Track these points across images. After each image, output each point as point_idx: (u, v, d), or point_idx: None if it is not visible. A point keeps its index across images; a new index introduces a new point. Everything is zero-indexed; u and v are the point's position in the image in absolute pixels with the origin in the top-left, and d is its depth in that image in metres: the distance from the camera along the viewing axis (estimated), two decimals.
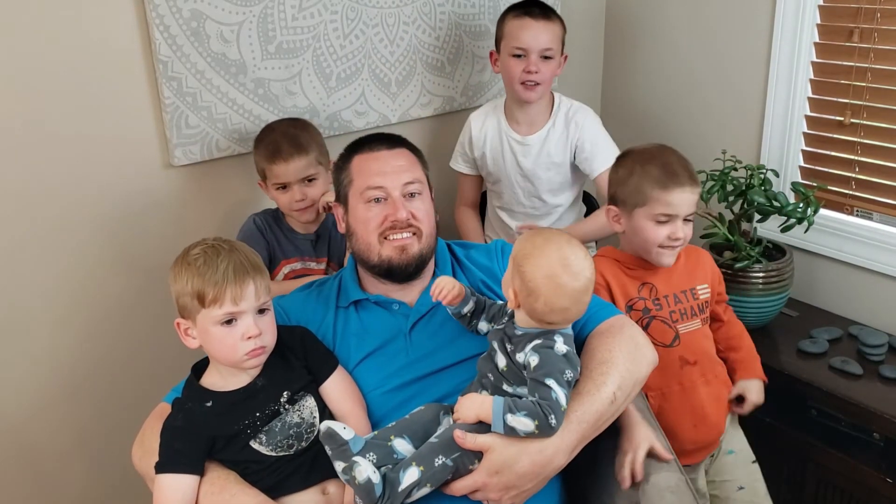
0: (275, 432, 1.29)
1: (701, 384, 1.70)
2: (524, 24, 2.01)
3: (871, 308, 2.11)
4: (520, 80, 2.02)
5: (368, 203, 1.47)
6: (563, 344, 1.27)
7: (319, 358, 1.39)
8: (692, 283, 1.73)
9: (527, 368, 1.26)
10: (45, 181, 1.74)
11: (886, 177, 2.06)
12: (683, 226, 1.64)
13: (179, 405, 1.30)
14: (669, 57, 2.51)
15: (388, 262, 1.47)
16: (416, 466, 1.21)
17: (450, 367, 1.44)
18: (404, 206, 1.46)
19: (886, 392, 1.80)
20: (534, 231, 1.34)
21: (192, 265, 1.26)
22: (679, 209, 1.62)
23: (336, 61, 2.09)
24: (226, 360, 1.28)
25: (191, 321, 1.28)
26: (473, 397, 1.28)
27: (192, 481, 1.24)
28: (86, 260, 1.83)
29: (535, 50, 2.00)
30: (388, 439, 1.27)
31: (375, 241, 1.47)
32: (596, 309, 1.50)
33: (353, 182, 1.50)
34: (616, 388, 1.35)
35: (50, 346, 1.83)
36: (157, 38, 1.78)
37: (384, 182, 1.47)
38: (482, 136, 2.17)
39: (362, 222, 1.48)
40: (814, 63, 2.16)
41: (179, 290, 1.27)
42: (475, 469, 1.25)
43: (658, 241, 1.64)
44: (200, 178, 1.95)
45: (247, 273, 1.26)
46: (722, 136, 2.37)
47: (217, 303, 1.24)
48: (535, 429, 1.21)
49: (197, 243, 1.31)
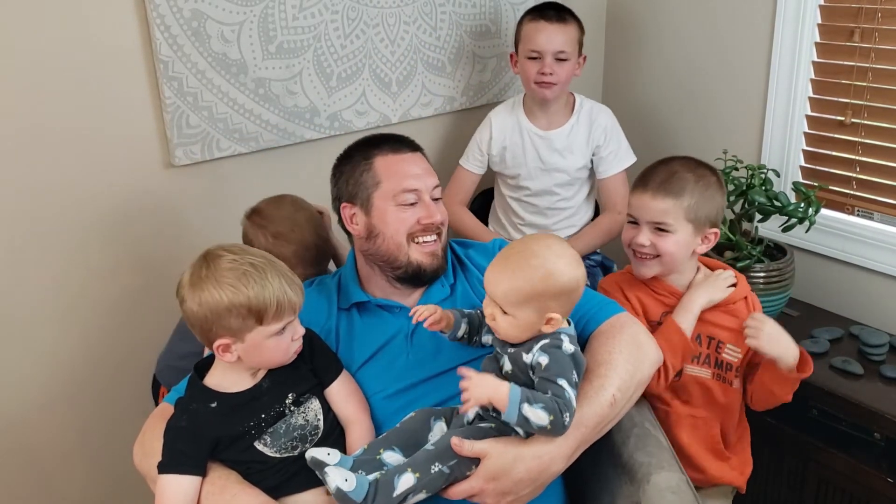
0: (279, 434, 1.29)
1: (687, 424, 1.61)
2: (539, 26, 2.07)
3: (872, 308, 2.11)
4: (535, 80, 2.09)
5: (402, 206, 1.45)
6: (569, 343, 1.26)
7: (325, 361, 1.39)
8: (720, 334, 1.61)
9: (535, 369, 1.25)
10: (46, 181, 1.74)
11: (887, 176, 2.06)
12: (650, 234, 1.57)
13: (183, 405, 1.29)
14: (670, 57, 2.51)
15: (418, 265, 1.47)
16: (411, 473, 1.20)
17: (452, 370, 1.42)
18: (438, 209, 1.47)
19: (887, 392, 1.80)
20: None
21: (239, 286, 1.20)
22: (639, 213, 1.58)
23: (337, 61, 2.09)
24: (278, 362, 1.29)
25: (235, 338, 1.23)
26: (489, 379, 1.23)
27: (194, 482, 1.24)
28: (87, 259, 1.83)
29: (550, 52, 2.06)
30: (378, 453, 1.26)
31: (405, 242, 1.46)
32: (597, 308, 1.48)
33: (382, 184, 1.46)
34: (616, 390, 1.33)
35: (51, 345, 1.83)
36: (157, 37, 1.78)
37: (419, 185, 1.46)
38: (503, 132, 2.20)
39: (393, 224, 1.45)
40: (815, 63, 2.16)
41: (222, 312, 1.20)
42: (472, 475, 1.24)
43: (626, 242, 1.62)
44: (201, 178, 1.95)
45: (294, 282, 1.26)
46: (723, 135, 2.37)
47: (276, 318, 1.23)
48: (548, 424, 1.19)
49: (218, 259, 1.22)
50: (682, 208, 1.55)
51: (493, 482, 1.23)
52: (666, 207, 1.55)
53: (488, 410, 1.30)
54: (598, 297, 1.55)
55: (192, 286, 1.22)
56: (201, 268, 1.23)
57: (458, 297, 1.52)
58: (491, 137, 2.20)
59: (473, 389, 1.22)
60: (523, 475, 1.23)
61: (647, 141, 2.57)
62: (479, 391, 1.21)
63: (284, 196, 1.76)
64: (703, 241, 1.60)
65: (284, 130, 2.04)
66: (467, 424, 1.30)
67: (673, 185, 1.56)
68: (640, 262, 1.61)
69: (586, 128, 2.16)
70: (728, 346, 1.62)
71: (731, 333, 1.61)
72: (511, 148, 2.18)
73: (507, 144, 2.19)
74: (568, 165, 2.16)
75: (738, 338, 1.59)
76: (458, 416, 1.32)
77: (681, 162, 1.61)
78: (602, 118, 2.17)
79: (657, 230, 1.57)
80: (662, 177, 1.57)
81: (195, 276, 1.22)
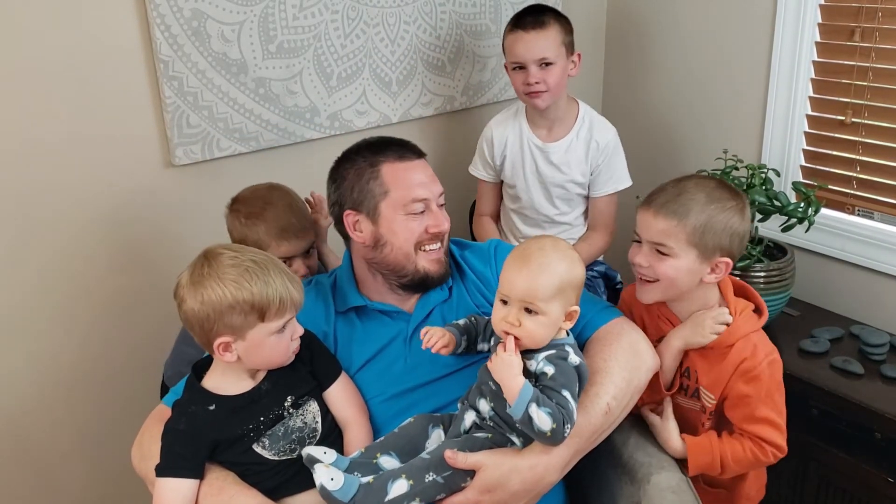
0: (278, 436, 1.28)
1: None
2: (516, 37, 2.01)
3: (872, 307, 2.11)
4: (524, 91, 2.03)
5: (411, 215, 1.44)
6: (574, 355, 1.27)
7: (324, 364, 1.39)
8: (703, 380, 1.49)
9: (539, 378, 1.24)
10: (47, 180, 1.74)
11: (888, 176, 2.06)
12: (650, 254, 1.46)
13: (182, 408, 1.29)
14: (671, 57, 2.51)
15: (426, 273, 1.46)
16: (405, 479, 1.20)
17: (450, 375, 1.43)
18: (444, 217, 1.47)
19: (888, 391, 1.80)
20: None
21: (242, 283, 1.20)
22: (641, 232, 1.48)
23: (337, 61, 2.09)
24: (277, 362, 1.29)
25: (236, 336, 1.23)
26: (515, 365, 1.21)
27: (192, 485, 1.24)
28: (87, 259, 1.83)
29: (531, 61, 1.99)
30: (374, 457, 1.26)
31: (413, 251, 1.45)
32: (594, 312, 1.48)
33: (391, 193, 1.44)
34: (611, 398, 1.33)
35: (50, 344, 1.83)
36: (158, 37, 1.78)
37: (427, 193, 1.45)
38: (503, 141, 2.14)
39: (402, 234, 1.44)
40: (815, 62, 2.16)
41: (224, 309, 1.20)
42: (467, 486, 1.23)
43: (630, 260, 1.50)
44: (201, 178, 1.95)
45: (294, 281, 1.26)
46: (723, 135, 2.37)
47: (279, 315, 1.23)
48: (549, 430, 1.19)
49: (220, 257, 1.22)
50: (684, 231, 1.42)
51: (488, 494, 1.23)
52: (666, 228, 1.43)
53: (485, 419, 1.30)
54: (596, 300, 1.54)
55: (193, 284, 1.21)
56: (202, 266, 1.22)
57: (454, 301, 1.52)
58: (493, 147, 2.15)
59: (497, 365, 1.22)
60: (518, 487, 1.23)
61: (647, 141, 2.57)
62: (501, 369, 1.21)
63: (265, 182, 1.75)
64: (713, 270, 1.45)
65: (285, 130, 2.04)
66: (463, 433, 1.30)
67: (678, 205, 1.43)
68: (640, 285, 1.50)
69: (585, 145, 2.09)
70: (703, 390, 1.50)
71: (708, 378, 1.48)
72: (511, 157, 2.14)
73: (507, 154, 2.15)
74: (565, 180, 2.11)
75: (716, 383, 1.47)
76: (455, 424, 1.32)
77: (697, 181, 1.49)
78: (603, 138, 2.08)
79: (657, 251, 1.46)
80: (669, 195, 1.46)
81: (196, 274, 1.22)
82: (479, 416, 1.31)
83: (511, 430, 1.27)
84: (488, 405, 1.29)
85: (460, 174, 2.33)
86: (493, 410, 1.28)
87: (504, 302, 1.27)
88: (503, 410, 1.26)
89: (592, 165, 2.09)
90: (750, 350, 1.45)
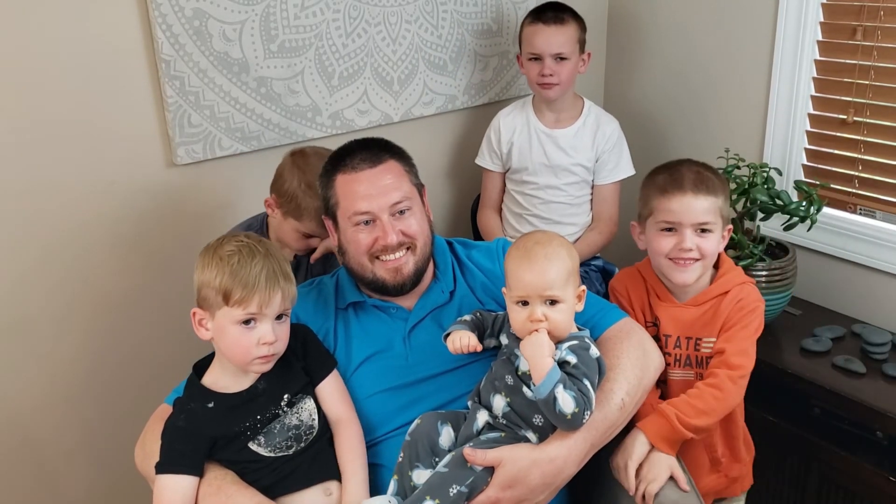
0: (273, 434, 1.29)
1: None
2: (537, 29, 2.11)
3: (874, 306, 2.10)
4: (537, 81, 2.13)
5: (357, 226, 1.44)
6: (595, 348, 1.30)
7: (318, 359, 1.39)
8: (701, 332, 1.57)
9: (562, 366, 1.25)
10: (48, 180, 1.74)
11: (889, 175, 2.06)
12: (695, 237, 1.52)
13: (181, 405, 1.30)
14: (672, 56, 2.50)
15: (383, 281, 1.46)
16: (430, 500, 1.21)
17: (449, 372, 1.44)
18: (393, 229, 1.42)
19: (890, 390, 1.80)
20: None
21: (225, 261, 1.24)
22: (681, 216, 1.52)
23: (338, 60, 2.09)
24: (236, 359, 1.28)
25: (208, 314, 1.27)
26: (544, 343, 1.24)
27: (191, 482, 1.24)
28: (89, 258, 1.83)
29: (548, 54, 2.10)
30: (409, 478, 1.27)
31: (367, 261, 1.45)
32: (602, 313, 1.49)
33: (340, 204, 1.46)
34: (625, 394, 1.35)
35: (53, 343, 1.83)
36: (159, 36, 1.78)
37: (370, 206, 1.42)
38: (511, 129, 2.22)
39: (353, 244, 1.46)
40: (817, 61, 2.15)
41: (205, 281, 1.25)
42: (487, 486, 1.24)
43: (664, 251, 1.55)
44: (203, 177, 1.95)
45: (277, 282, 1.26)
46: (725, 134, 2.36)
47: (242, 304, 1.24)
48: (570, 413, 1.21)
49: (232, 238, 1.29)
50: (718, 206, 1.54)
51: (509, 490, 1.23)
52: (708, 206, 1.52)
53: (498, 417, 1.30)
54: (601, 301, 1.55)
55: (201, 254, 1.29)
56: (216, 242, 1.30)
57: (456, 303, 1.52)
58: (500, 135, 2.23)
59: (531, 344, 1.24)
60: (538, 481, 1.24)
61: (648, 139, 2.57)
62: (534, 348, 1.24)
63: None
64: (723, 238, 1.58)
65: (286, 129, 2.04)
66: (476, 433, 1.31)
67: (707, 183, 1.54)
68: (681, 269, 1.54)
69: (592, 131, 2.18)
70: (704, 339, 1.57)
71: (704, 326, 1.57)
72: (518, 144, 2.21)
73: (514, 141, 2.22)
74: (573, 163, 2.17)
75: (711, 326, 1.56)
76: (466, 424, 1.33)
77: (690, 163, 1.59)
78: (608, 127, 2.20)
79: (701, 231, 1.53)
80: (693, 177, 1.53)
81: (209, 246, 1.29)
82: (492, 414, 1.31)
83: (527, 427, 1.29)
84: (504, 400, 1.30)
85: (462, 173, 2.33)
86: (509, 406, 1.29)
87: (523, 304, 1.29)
88: (520, 405, 1.27)
89: (598, 152, 2.18)
90: (745, 293, 1.58)
